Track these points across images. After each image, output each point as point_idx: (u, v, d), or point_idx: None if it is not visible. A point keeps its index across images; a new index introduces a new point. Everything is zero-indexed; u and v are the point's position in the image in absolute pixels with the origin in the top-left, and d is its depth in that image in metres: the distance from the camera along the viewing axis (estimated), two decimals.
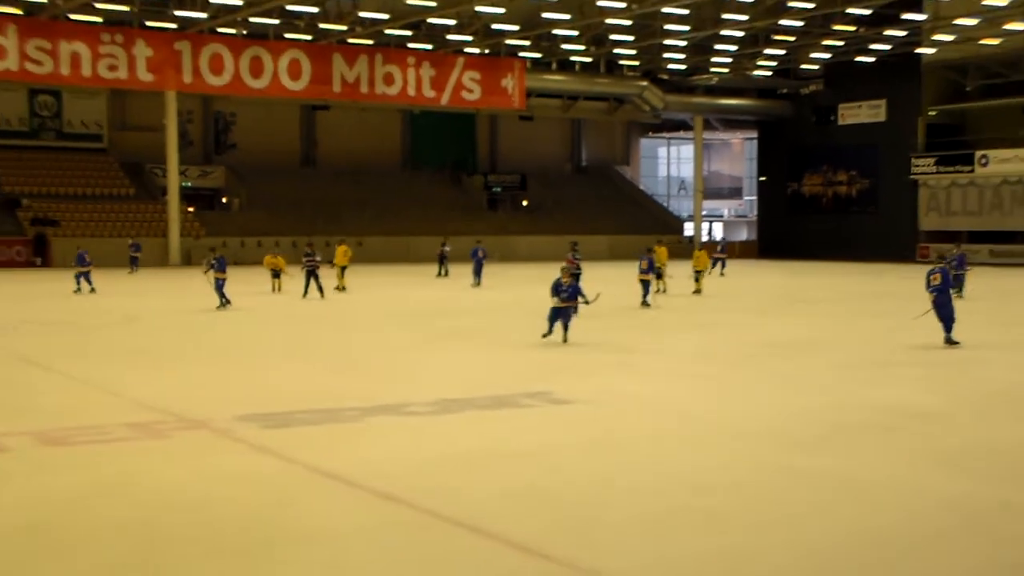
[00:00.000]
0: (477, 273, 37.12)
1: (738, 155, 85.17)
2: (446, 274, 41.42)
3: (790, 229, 64.70)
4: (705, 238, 69.59)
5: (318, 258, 30.66)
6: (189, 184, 55.77)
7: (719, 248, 49.71)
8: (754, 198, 76.46)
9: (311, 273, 30.19)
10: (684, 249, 64.07)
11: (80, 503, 8.70)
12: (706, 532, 7.92)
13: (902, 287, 37.14)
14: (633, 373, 16.15)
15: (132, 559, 7.29)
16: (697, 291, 32.62)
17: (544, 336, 19.27)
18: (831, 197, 64.29)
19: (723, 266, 46.66)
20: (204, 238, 51.90)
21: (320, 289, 30.10)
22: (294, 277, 31.65)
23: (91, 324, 23.46)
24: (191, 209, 54.76)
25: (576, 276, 26.36)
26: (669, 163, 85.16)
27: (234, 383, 15.09)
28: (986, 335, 21.40)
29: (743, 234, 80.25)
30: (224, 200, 58.40)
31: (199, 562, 7.26)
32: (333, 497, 9.00)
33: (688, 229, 69.36)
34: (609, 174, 72.27)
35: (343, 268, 33.41)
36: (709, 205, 76.44)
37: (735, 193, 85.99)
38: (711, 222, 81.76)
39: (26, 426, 11.74)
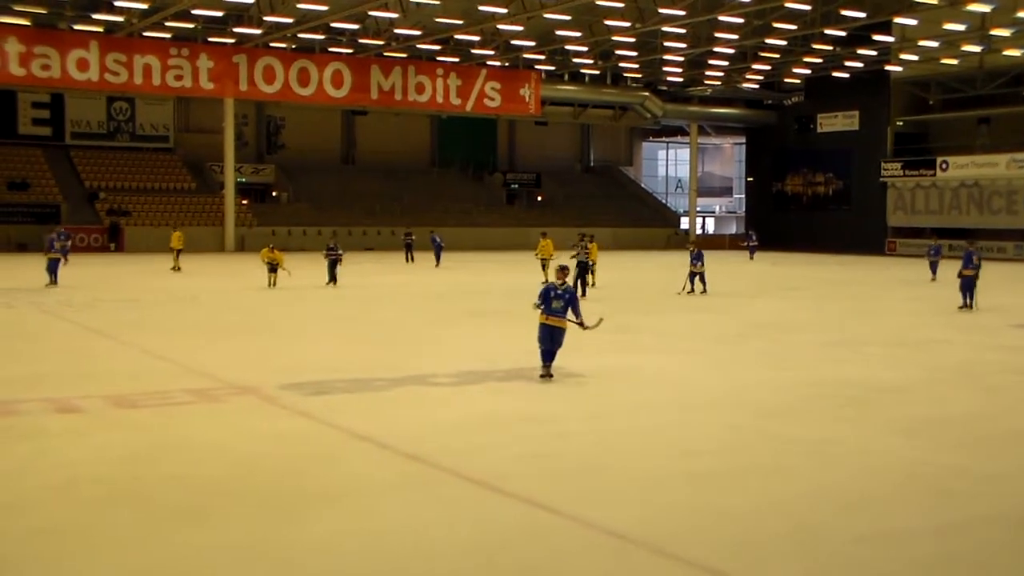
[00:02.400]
0: (437, 257, 39.58)
1: (729, 158, 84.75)
2: (412, 260, 41.35)
3: (774, 224, 64.36)
4: (699, 231, 69.34)
5: (340, 251, 29.05)
6: (244, 180, 55.78)
7: (752, 237, 51.28)
8: (742, 196, 76.18)
9: (334, 263, 28.60)
10: (680, 240, 64.17)
11: (146, 458, 8.74)
12: (692, 490, 7.91)
13: (872, 276, 36.99)
14: (633, 350, 16.10)
15: (191, 508, 7.32)
16: (591, 284, 28.24)
17: (542, 377, 12.72)
18: (810, 196, 63.95)
19: (752, 253, 48.77)
20: (255, 227, 51.99)
21: (334, 279, 28.34)
22: (292, 273, 28.37)
23: (154, 301, 23.51)
24: (245, 202, 54.81)
25: (584, 265, 26.11)
26: (667, 164, 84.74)
27: (278, 355, 15.08)
28: (943, 318, 21.30)
29: (732, 228, 79.97)
30: (274, 194, 58.38)
31: (249, 510, 7.29)
32: (366, 456, 9.02)
33: (684, 223, 69.06)
34: (614, 173, 71.97)
35: (178, 251, 34.81)
36: (703, 202, 76.11)
37: (726, 191, 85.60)
38: (704, 217, 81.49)
39: (98, 390, 11.79)
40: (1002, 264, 46.11)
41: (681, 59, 54.15)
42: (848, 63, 54.87)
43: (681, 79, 60.56)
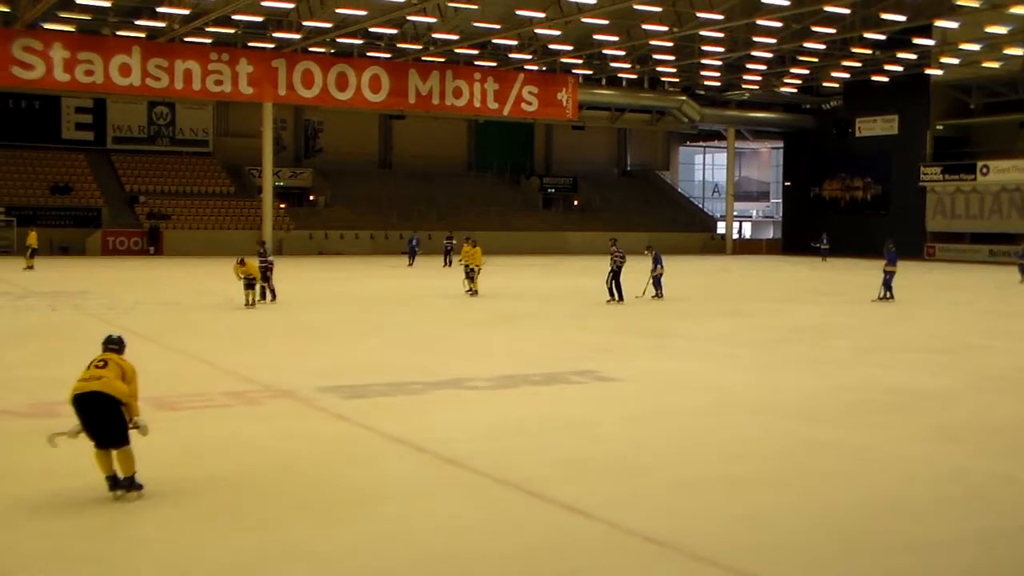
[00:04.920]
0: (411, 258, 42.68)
1: (766, 162, 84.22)
2: (449, 264, 41.67)
3: (811, 229, 63.81)
4: (736, 236, 69.00)
5: (271, 257, 25.34)
6: (282, 183, 56.10)
7: (824, 240, 52.59)
8: (779, 200, 75.62)
9: (264, 272, 24.43)
10: (717, 245, 63.93)
11: (187, 459, 8.82)
12: (733, 497, 7.85)
13: (911, 281, 36.58)
14: (671, 355, 16.02)
15: (230, 509, 7.38)
16: (472, 291, 27.05)
17: None
18: (848, 200, 63.39)
19: (824, 256, 50.40)
20: (293, 230, 52.30)
21: (272, 291, 24.58)
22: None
23: (194, 305, 23.68)
24: (283, 205, 55.15)
25: (618, 269, 26.01)
26: (704, 168, 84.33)
27: (314, 358, 15.12)
28: (983, 324, 21.03)
29: (769, 233, 79.44)
30: (312, 198, 58.69)
31: (287, 512, 7.33)
32: (402, 460, 9.03)
33: (720, 228, 68.70)
34: (651, 178, 71.77)
35: (34, 250, 35.09)
36: (740, 206, 75.65)
37: (763, 196, 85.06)
38: (741, 222, 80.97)
39: (140, 393, 11.84)
40: None
41: (719, 63, 53.87)
42: (887, 67, 54.33)
43: (719, 83, 60.26)
